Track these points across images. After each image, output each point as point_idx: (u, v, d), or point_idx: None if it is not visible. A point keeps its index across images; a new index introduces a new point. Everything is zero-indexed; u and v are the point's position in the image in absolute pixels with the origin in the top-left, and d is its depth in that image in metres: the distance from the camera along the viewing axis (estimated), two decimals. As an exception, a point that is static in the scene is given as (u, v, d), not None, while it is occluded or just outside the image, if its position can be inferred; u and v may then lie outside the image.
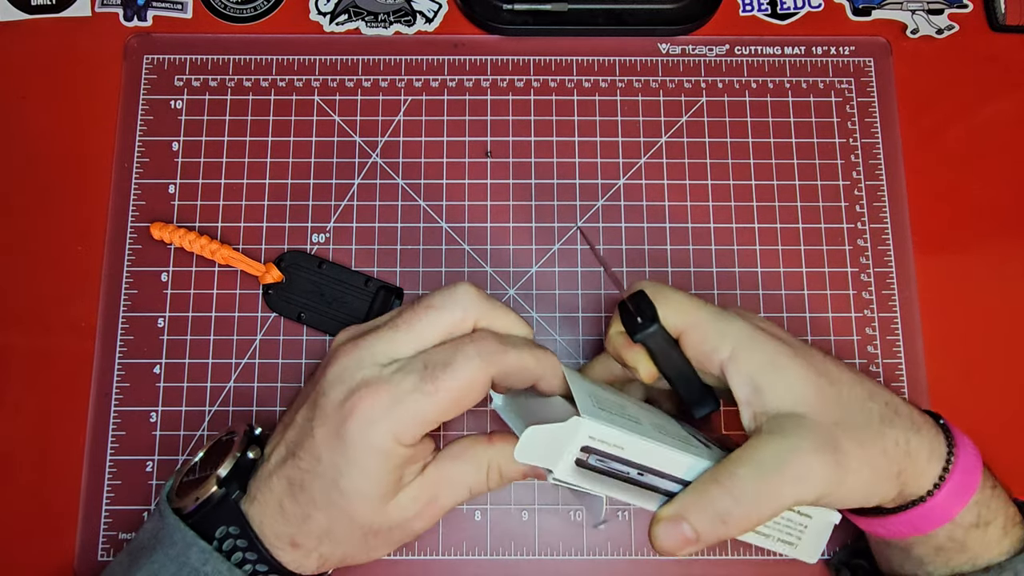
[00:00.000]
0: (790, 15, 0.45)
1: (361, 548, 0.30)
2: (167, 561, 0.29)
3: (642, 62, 0.44)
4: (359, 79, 0.43)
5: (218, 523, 0.29)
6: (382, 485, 0.28)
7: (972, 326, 0.41)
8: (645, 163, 0.42)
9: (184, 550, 0.29)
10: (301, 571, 0.30)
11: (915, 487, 0.29)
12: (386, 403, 0.27)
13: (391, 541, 0.30)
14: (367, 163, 0.42)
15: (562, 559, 0.38)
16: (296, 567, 0.30)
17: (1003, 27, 0.44)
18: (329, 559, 0.30)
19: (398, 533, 0.30)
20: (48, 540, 0.38)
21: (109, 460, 0.38)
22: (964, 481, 0.29)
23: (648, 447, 0.28)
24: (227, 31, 0.44)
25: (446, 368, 0.28)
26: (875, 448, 0.29)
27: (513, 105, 0.43)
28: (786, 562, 0.38)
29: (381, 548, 0.31)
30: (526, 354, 0.29)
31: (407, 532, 0.30)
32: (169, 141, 0.42)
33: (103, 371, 0.39)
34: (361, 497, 0.28)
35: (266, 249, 0.41)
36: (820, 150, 0.43)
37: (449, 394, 0.27)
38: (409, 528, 0.30)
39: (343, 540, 0.30)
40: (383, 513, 0.29)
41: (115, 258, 0.41)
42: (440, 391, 0.27)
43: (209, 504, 0.29)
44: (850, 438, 0.28)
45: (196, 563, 0.28)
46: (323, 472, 0.28)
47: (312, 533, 0.29)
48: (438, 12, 0.44)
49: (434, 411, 0.28)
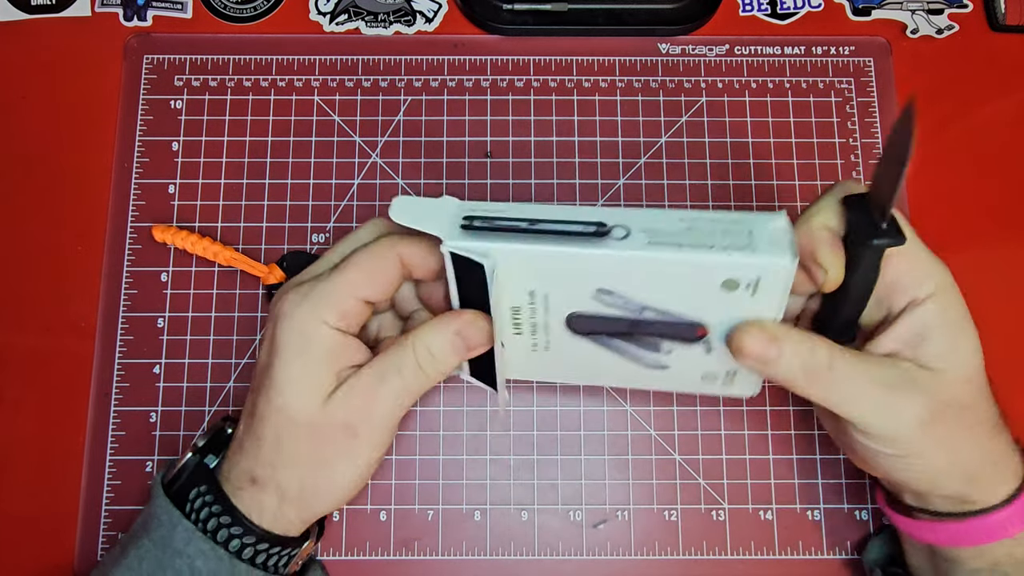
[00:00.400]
0: (790, 15, 0.45)
1: (314, 463, 0.30)
2: (152, 545, 0.30)
3: (642, 62, 0.44)
4: (359, 79, 0.43)
5: (192, 487, 0.31)
6: (313, 371, 0.29)
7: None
8: (645, 163, 0.42)
9: (170, 531, 0.29)
10: (262, 518, 0.30)
11: (981, 498, 0.29)
12: (304, 291, 0.29)
13: (343, 452, 0.30)
14: (367, 163, 0.42)
15: (562, 559, 0.38)
16: (257, 512, 0.30)
17: (1003, 27, 0.44)
18: (287, 490, 0.30)
19: (345, 440, 0.29)
20: (48, 540, 0.38)
21: (109, 460, 0.38)
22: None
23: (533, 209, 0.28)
24: (227, 31, 0.44)
25: (354, 252, 0.30)
26: (974, 444, 0.29)
27: (513, 105, 0.43)
28: (787, 562, 0.38)
29: (339, 465, 0.30)
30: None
31: (357, 440, 0.30)
32: (169, 141, 0.42)
33: (103, 371, 0.39)
34: (294, 386, 0.29)
35: (266, 249, 0.41)
36: (820, 150, 0.43)
37: (359, 267, 0.29)
38: (357, 432, 0.29)
39: (292, 454, 0.29)
40: (322, 410, 0.29)
41: (115, 258, 0.41)
42: (350, 265, 0.29)
43: (186, 470, 0.31)
44: (963, 422, 0.29)
45: (179, 544, 0.29)
46: (262, 382, 0.30)
47: (265, 459, 0.30)
48: (438, 12, 0.44)
49: (347, 284, 0.29)
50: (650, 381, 0.32)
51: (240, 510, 0.30)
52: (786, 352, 0.27)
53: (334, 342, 0.29)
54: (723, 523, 0.38)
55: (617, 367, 0.31)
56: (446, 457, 0.39)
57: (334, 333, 0.29)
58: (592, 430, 0.39)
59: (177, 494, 0.31)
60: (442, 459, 0.39)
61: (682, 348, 0.30)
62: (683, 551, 0.38)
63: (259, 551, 0.30)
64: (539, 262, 0.27)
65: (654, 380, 0.32)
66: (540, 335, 0.31)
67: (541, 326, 0.30)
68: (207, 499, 0.30)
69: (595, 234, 0.27)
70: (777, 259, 0.25)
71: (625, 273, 0.27)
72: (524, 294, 0.28)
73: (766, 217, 0.27)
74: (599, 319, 0.29)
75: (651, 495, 0.38)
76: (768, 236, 0.26)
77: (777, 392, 0.39)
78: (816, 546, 0.38)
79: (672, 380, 0.32)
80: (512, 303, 0.29)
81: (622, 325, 0.29)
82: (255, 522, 0.30)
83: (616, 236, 0.26)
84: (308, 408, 0.29)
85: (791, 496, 0.38)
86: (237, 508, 0.30)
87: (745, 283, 0.26)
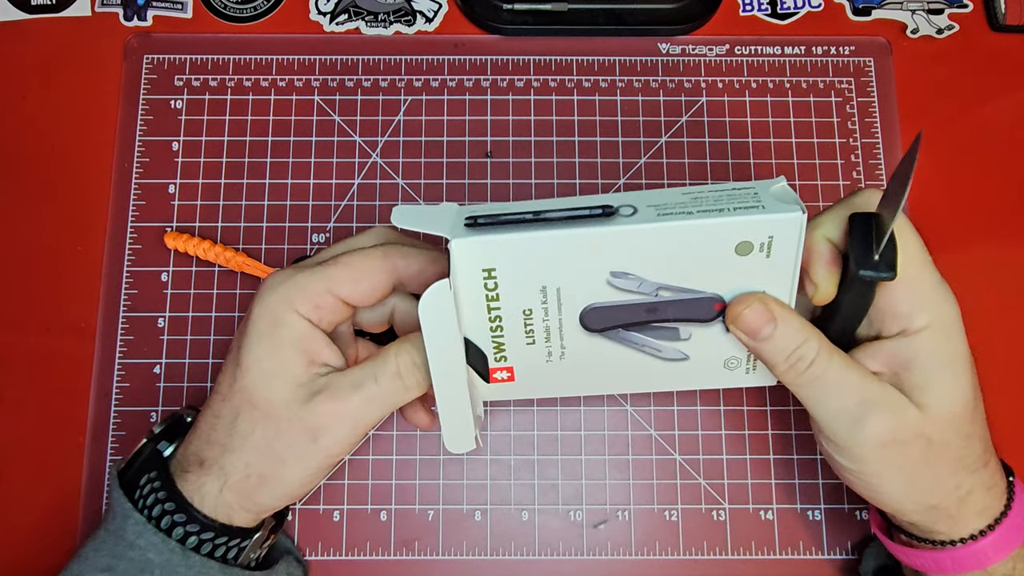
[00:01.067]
0: (790, 15, 0.45)
1: (264, 454, 0.29)
2: (107, 536, 0.30)
3: (642, 62, 0.44)
4: (359, 79, 0.43)
5: (142, 473, 0.30)
6: (279, 356, 0.28)
7: (972, 326, 0.40)
8: (645, 163, 0.42)
9: (122, 523, 0.29)
10: (204, 503, 0.29)
11: (946, 530, 0.29)
12: (283, 276, 0.29)
13: (297, 454, 0.29)
14: (367, 163, 0.42)
15: (562, 559, 0.38)
16: (199, 496, 0.29)
17: (1003, 27, 0.44)
18: (230, 475, 0.29)
19: (304, 443, 0.28)
20: (48, 540, 0.38)
21: (109, 460, 0.38)
22: (1007, 538, 0.29)
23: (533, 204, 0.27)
24: (227, 31, 0.44)
25: (346, 252, 0.30)
26: (934, 479, 0.28)
27: (513, 105, 0.43)
28: (787, 562, 0.38)
29: (290, 464, 0.29)
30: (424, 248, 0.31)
31: (315, 446, 0.28)
32: (169, 141, 0.42)
33: (103, 371, 0.39)
34: (259, 366, 0.28)
35: (266, 249, 0.41)
36: (820, 150, 0.43)
37: (345, 265, 0.29)
38: (317, 437, 0.28)
39: (244, 437, 0.29)
40: (287, 406, 0.28)
41: (115, 258, 0.41)
42: (338, 262, 0.29)
43: (139, 457, 0.31)
44: (928, 456, 0.28)
45: (132, 536, 0.29)
46: (229, 360, 0.30)
47: (217, 439, 0.29)
48: (438, 12, 0.44)
49: (328, 279, 0.29)
50: (672, 380, 0.32)
51: (184, 494, 0.29)
52: (778, 334, 0.27)
53: (302, 330, 0.29)
54: (723, 523, 0.38)
55: (637, 367, 0.31)
56: (446, 457, 0.39)
57: (302, 321, 0.29)
58: (592, 430, 0.39)
59: (130, 482, 0.30)
60: (442, 459, 0.39)
61: (701, 331, 0.29)
62: (683, 551, 0.38)
63: (204, 540, 0.29)
64: (549, 249, 0.26)
65: (676, 378, 0.31)
66: (554, 341, 0.30)
67: (555, 329, 0.29)
68: (155, 485, 0.30)
69: (603, 215, 0.26)
70: (787, 213, 0.26)
71: (638, 249, 0.26)
72: (535, 292, 0.28)
73: (767, 182, 0.27)
74: (615, 309, 0.28)
75: (651, 495, 0.38)
76: (773, 196, 0.26)
77: (778, 392, 0.39)
78: (816, 546, 0.38)
79: (694, 373, 0.31)
80: (524, 305, 0.28)
81: (639, 312, 0.28)
82: (196, 507, 0.29)
83: (624, 214, 0.26)
84: (271, 395, 0.28)
85: (792, 496, 0.38)
86: (181, 493, 0.29)
87: (759, 244, 0.26)
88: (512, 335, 0.29)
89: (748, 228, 0.26)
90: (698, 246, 0.26)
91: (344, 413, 0.28)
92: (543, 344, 0.30)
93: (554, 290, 0.28)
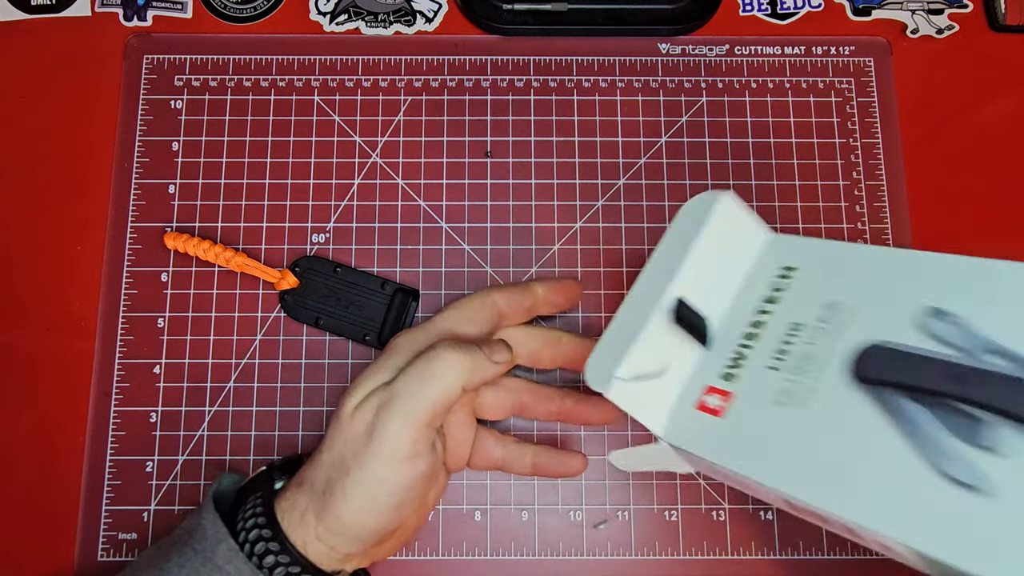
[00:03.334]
0: (790, 15, 0.45)
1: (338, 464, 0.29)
2: (194, 556, 0.29)
3: (642, 62, 0.44)
4: (359, 79, 0.43)
5: (247, 495, 0.31)
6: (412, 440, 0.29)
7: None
8: (645, 163, 0.42)
9: (213, 545, 0.29)
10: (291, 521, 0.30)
11: None
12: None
13: (357, 453, 0.29)
14: (367, 163, 0.42)
15: (562, 559, 0.38)
16: (289, 515, 0.30)
17: (1003, 27, 0.44)
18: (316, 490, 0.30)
19: (361, 439, 0.29)
20: (48, 540, 0.38)
21: (109, 460, 0.38)
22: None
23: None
24: (227, 31, 0.44)
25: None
26: None
27: (513, 105, 0.43)
28: (787, 562, 0.38)
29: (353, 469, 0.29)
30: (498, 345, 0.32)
31: (371, 443, 0.29)
32: (169, 141, 0.42)
33: (103, 371, 0.39)
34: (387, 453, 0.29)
35: (266, 249, 0.41)
36: (820, 150, 0.43)
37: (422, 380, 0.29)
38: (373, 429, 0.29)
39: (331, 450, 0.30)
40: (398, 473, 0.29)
41: (115, 258, 0.41)
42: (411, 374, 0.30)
43: (253, 484, 0.32)
44: None
45: (221, 561, 0.29)
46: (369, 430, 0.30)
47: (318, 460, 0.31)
48: (438, 12, 0.44)
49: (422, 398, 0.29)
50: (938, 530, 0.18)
51: (277, 516, 0.30)
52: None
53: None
54: (723, 523, 0.38)
55: (889, 473, 0.19)
56: (446, 457, 0.39)
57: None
58: (592, 430, 0.39)
59: (231, 509, 0.31)
60: (442, 459, 0.39)
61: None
62: (683, 551, 0.38)
63: (291, 574, 0.29)
64: (868, 263, 0.21)
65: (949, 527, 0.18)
66: (805, 376, 0.22)
67: (817, 360, 0.22)
68: (257, 510, 0.30)
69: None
70: None
71: (979, 283, 0.19)
72: (817, 307, 0.22)
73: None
74: (910, 358, 0.20)
75: (651, 495, 0.38)
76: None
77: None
78: (816, 546, 0.38)
79: (987, 531, 0.17)
80: (798, 318, 0.23)
81: (939, 374, 0.19)
82: (285, 531, 0.29)
83: None
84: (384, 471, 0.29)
85: (791, 496, 0.38)
86: (279, 522, 0.29)
87: None
88: (762, 350, 0.23)
89: None
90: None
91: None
92: (788, 373, 0.22)
93: (846, 310, 0.21)
